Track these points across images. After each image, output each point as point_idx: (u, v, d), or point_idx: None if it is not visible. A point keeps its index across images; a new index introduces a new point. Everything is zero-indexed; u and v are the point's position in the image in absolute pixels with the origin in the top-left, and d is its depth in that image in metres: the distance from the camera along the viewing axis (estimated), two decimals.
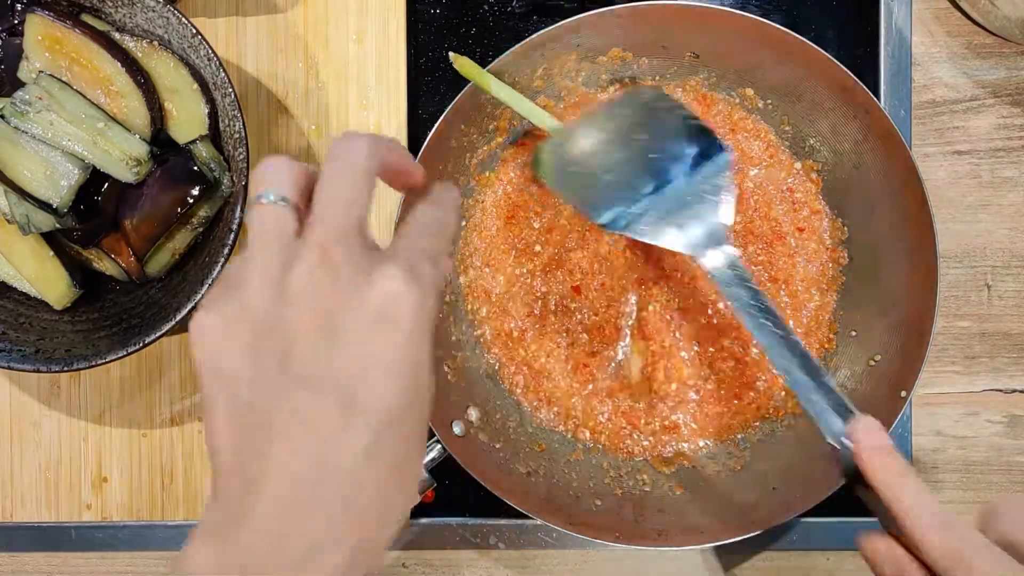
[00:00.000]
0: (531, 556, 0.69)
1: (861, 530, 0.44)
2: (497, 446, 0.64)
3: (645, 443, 0.66)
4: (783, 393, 0.66)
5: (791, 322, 0.67)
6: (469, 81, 0.60)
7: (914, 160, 0.58)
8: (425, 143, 0.60)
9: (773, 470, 0.64)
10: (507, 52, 0.59)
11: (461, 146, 0.64)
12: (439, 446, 0.60)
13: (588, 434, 0.66)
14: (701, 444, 0.66)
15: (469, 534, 0.69)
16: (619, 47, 0.63)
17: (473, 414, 0.64)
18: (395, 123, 0.68)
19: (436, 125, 0.60)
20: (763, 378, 0.66)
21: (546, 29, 0.59)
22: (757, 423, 0.66)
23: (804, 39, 0.59)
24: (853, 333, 0.65)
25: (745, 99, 0.66)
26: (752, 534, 0.60)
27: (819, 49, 0.59)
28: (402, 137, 0.68)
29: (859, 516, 0.68)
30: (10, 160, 0.58)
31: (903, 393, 0.59)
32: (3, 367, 0.59)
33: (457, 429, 0.62)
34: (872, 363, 0.63)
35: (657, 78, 0.66)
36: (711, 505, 0.64)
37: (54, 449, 0.69)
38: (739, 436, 0.66)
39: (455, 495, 0.68)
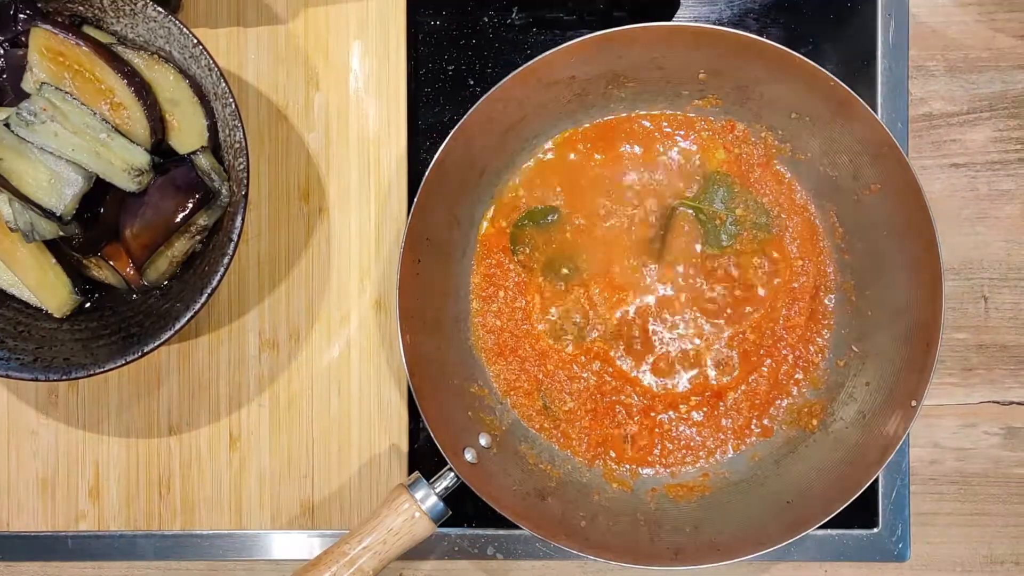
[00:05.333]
0: (528, 566, 0.69)
1: None
2: (510, 471, 0.63)
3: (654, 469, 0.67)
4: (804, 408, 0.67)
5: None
6: (474, 96, 0.60)
7: (914, 172, 0.59)
8: (434, 160, 0.59)
9: (788, 483, 0.64)
10: (506, 78, 0.59)
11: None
12: (451, 474, 0.60)
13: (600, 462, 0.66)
14: (717, 459, 0.67)
15: (467, 544, 0.69)
16: (616, 69, 0.63)
17: (484, 440, 0.64)
18: (394, 134, 0.68)
19: (444, 143, 0.59)
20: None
21: (542, 56, 0.59)
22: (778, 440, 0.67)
23: (801, 55, 0.59)
24: (855, 349, 0.65)
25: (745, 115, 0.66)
26: (767, 550, 0.59)
27: (816, 64, 0.59)
28: (401, 149, 0.68)
29: (856, 528, 0.68)
30: (15, 169, 0.58)
31: (913, 402, 0.59)
32: (1, 375, 0.59)
33: (469, 456, 0.62)
34: (880, 375, 0.63)
35: (655, 97, 0.66)
36: (726, 522, 0.63)
37: (51, 458, 0.68)
38: (757, 453, 0.66)
39: (453, 506, 0.68)
